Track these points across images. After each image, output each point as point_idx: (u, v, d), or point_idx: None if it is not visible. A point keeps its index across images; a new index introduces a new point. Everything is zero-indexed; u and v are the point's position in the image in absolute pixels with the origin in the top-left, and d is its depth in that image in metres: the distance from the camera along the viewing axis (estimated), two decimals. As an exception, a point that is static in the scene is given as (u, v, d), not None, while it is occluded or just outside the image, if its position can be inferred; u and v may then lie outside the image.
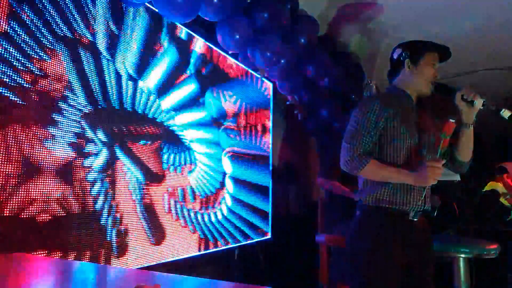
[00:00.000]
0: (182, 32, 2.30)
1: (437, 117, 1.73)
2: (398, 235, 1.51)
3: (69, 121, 1.59)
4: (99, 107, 1.73)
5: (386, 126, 1.55)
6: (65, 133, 1.56)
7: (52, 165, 1.50)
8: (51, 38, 1.53)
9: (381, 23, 2.96)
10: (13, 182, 1.36)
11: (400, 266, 1.49)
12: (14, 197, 1.37)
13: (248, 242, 2.89)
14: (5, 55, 1.37)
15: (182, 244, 2.20)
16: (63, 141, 1.56)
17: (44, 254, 1.45)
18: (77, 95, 1.63)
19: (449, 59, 1.66)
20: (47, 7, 1.52)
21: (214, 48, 2.59)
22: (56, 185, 1.52)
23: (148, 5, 2.01)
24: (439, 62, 1.65)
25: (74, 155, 1.60)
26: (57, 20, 1.56)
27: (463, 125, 1.58)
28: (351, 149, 1.52)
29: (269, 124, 3.34)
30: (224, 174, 2.66)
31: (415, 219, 1.55)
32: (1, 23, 1.36)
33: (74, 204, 1.58)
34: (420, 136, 1.60)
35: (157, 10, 1.95)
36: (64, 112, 1.57)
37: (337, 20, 2.84)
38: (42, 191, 1.46)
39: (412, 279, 1.52)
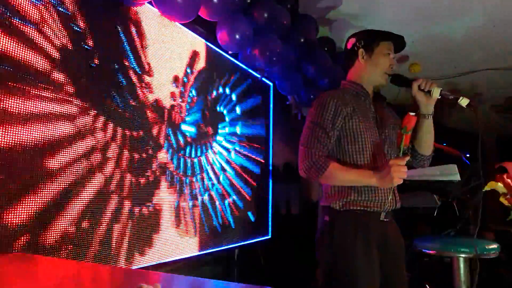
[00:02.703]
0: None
1: (396, 110, 1.67)
2: (370, 237, 1.44)
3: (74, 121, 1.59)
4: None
5: (345, 125, 1.46)
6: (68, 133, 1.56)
7: (50, 164, 1.50)
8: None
9: (375, 23, 2.97)
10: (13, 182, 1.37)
11: (375, 269, 1.43)
12: (13, 196, 1.37)
13: (248, 242, 2.89)
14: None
15: (182, 244, 2.20)
16: (58, 140, 1.56)
17: (44, 254, 1.45)
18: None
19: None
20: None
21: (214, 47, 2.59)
22: (55, 184, 1.52)
23: (149, 5, 2.00)
24: (394, 52, 1.58)
25: (73, 155, 1.59)
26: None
27: (422, 116, 1.51)
28: (308, 153, 1.41)
29: (269, 124, 3.34)
30: (224, 173, 2.66)
31: (387, 220, 1.50)
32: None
33: (73, 204, 1.58)
34: (380, 133, 1.52)
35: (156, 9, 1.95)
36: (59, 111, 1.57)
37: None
38: (42, 190, 1.46)
39: (387, 280, 1.46)
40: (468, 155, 3.00)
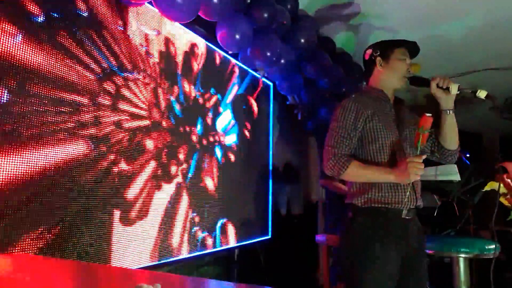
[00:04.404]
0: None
1: (414, 112, 1.75)
2: (388, 235, 1.49)
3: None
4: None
5: (366, 126, 1.57)
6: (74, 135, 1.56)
7: (51, 165, 1.50)
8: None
9: (379, 25, 2.97)
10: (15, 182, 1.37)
11: (395, 265, 1.48)
12: (14, 196, 1.37)
13: (248, 242, 2.89)
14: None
15: (181, 244, 2.20)
16: (64, 142, 1.56)
17: (44, 254, 1.45)
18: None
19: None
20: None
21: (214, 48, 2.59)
22: (56, 184, 1.52)
23: (148, 5, 2.01)
24: (410, 57, 1.68)
25: (75, 155, 1.60)
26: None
27: (444, 112, 1.59)
28: (332, 152, 1.54)
29: (269, 124, 3.34)
30: (224, 173, 2.66)
31: (409, 217, 1.54)
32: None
33: (74, 204, 1.58)
34: (400, 133, 1.61)
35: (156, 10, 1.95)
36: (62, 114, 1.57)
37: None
38: (42, 190, 1.46)
39: (406, 278, 1.50)
40: (468, 155, 3.00)
